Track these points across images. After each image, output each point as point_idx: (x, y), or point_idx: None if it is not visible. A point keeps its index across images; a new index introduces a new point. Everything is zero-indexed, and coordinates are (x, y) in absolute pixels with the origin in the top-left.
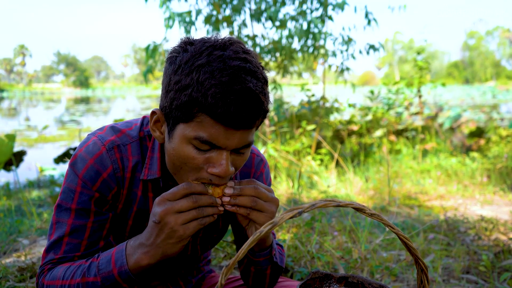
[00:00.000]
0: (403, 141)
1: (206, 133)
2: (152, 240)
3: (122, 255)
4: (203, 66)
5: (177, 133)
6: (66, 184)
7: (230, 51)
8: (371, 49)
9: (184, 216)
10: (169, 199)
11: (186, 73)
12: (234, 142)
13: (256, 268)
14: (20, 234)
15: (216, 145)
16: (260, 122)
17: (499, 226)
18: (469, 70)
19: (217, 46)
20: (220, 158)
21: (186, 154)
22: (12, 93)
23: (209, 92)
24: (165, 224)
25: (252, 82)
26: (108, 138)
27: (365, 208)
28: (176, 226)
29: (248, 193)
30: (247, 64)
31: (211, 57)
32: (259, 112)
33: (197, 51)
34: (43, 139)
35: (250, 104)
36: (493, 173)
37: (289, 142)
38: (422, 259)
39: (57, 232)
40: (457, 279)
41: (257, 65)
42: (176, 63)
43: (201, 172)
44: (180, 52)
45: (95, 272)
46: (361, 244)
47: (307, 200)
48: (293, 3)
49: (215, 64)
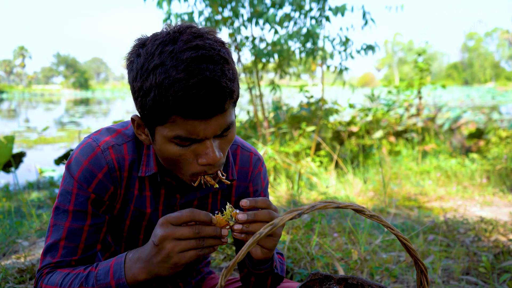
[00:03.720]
0: (402, 142)
1: (183, 131)
2: (149, 258)
3: (120, 268)
4: (157, 67)
5: (158, 135)
6: (63, 187)
7: (181, 42)
8: (369, 49)
9: (183, 244)
10: (172, 223)
11: (144, 78)
12: (213, 130)
13: (257, 278)
14: (19, 236)
15: (196, 139)
16: (234, 102)
17: (499, 227)
18: (469, 71)
19: (167, 41)
20: (205, 147)
21: (172, 152)
22: (12, 94)
23: (169, 93)
24: (163, 248)
25: (208, 69)
26: (103, 139)
27: (365, 209)
28: (172, 253)
29: (262, 219)
30: (199, 52)
31: (163, 56)
32: (224, 96)
33: (149, 52)
34: (43, 141)
35: (212, 92)
36: (493, 174)
37: (289, 143)
38: (421, 261)
39: (54, 235)
40: (457, 280)
41: (212, 46)
42: (133, 70)
43: (193, 166)
44: (134, 58)
45: (93, 283)
46: (360, 246)
47: (307, 201)
48: (291, 5)
49: (168, 62)
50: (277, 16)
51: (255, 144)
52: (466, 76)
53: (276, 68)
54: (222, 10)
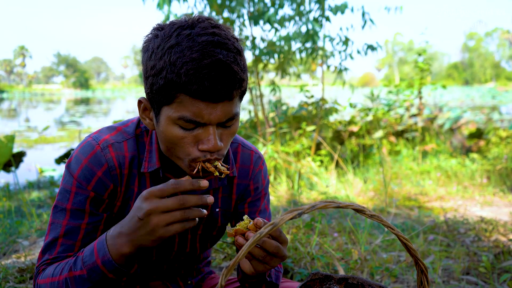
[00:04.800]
0: (403, 142)
1: (189, 112)
2: (132, 231)
3: (103, 245)
4: (173, 47)
5: (163, 116)
6: (62, 185)
7: (198, 28)
8: (369, 49)
9: (168, 217)
10: (156, 196)
11: (159, 57)
12: (218, 116)
13: (250, 285)
14: (19, 235)
15: (200, 122)
16: (241, 93)
17: (499, 227)
18: (469, 71)
19: (185, 26)
20: (207, 133)
21: (174, 135)
22: (12, 94)
23: (182, 71)
24: (148, 222)
25: (222, 54)
26: (102, 137)
27: (365, 209)
28: (157, 227)
29: (267, 249)
30: (215, 37)
31: (180, 37)
32: (234, 82)
33: (167, 34)
34: (43, 140)
35: (223, 75)
36: (493, 174)
37: (289, 143)
38: (422, 260)
39: (52, 233)
40: (457, 280)
41: (228, 37)
42: (149, 50)
43: (193, 150)
44: (152, 39)
45: (81, 266)
46: (361, 245)
47: (307, 201)
48: (291, 4)
49: (184, 43)
50: (278, 15)
51: (255, 144)
52: (466, 76)
53: (277, 68)
54: (222, 10)
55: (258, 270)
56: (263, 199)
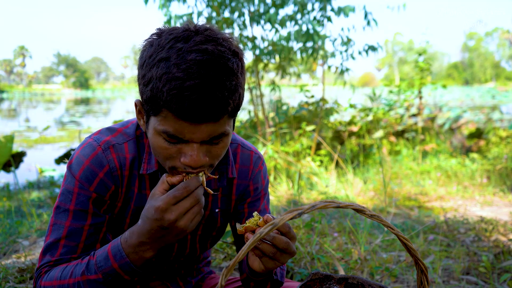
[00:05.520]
0: (403, 142)
1: (171, 128)
2: (156, 239)
3: (119, 250)
4: (162, 60)
5: (150, 124)
6: (64, 186)
7: (192, 42)
8: (370, 50)
9: (190, 215)
10: (173, 204)
11: (149, 68)
12: (201, 136)
13: (256, 284)
14: (19, 235)
15: (183, 139)
16: (232, 112)
17: (499, 227)
18: (469, 71)
19: (180, 38)
20: (190, 149)
21: (159, 145)
22: (12, 94)
23: (165, 89)
24: (175, 228)
25: (207, 76)
26: (103, 139)
27: (365, 209)
28: (185, 227)
29: (277, 245)
30: (205, 56)
31: (171, 51)
32: (216, 106)
33: (161, 44)
34: (43, 140)
35: (205, 100)
36: (493, 174)
37: (289, 143)
38: (422, 260)
39: (54, 234)
40: (457, 280)
41: (222, 54)
42: (143, 58)
43: (176, 161)
44: (147, 46)
45: (95, 270)
46: (361, 245)
47: (307, 201)
48: (294, 4)
49: (173, 58)
50: (279, 15)
51: (255, 144)
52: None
53: (278, 68)
54: (222, 10)
55: (268, 267)
56: (263, 199)
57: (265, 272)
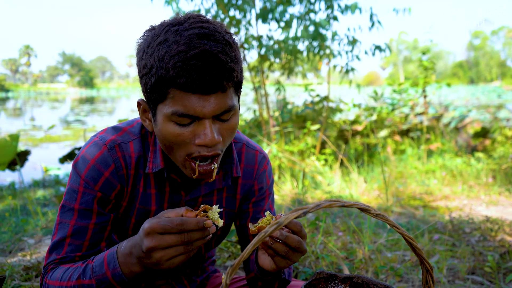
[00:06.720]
0: (408, 141)
1: (181, 107)
2: (139, 258)
3: (114, 258)
4: (161, 43)
5: (159, 114)
6: (69, 185)
7: (187, 24)
8: (377, 50)
9: (172, 252)
10: (158, 233)
11: (149, 55)
12: (211, 108)
13: (264, 283)
14: (25, 234)
15: (193, 115)
16: (236, 85)
17: (505, 227)
18: (474, 70)
19: (174, 23)
20: (203, 127)
21: (171, 132)
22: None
23: (169, 65)
24: (151, 257)
25: (208, 44)
26: (109, 138)
27: (370, 208)
28: (161, 261)
29: (290, 244)
30: (202, 30)
31: (168, 33)
32: (222, 71)
33: (157, 33)
34: (48, 139)
35: (211, 65)
36: (499, 173)
37: (293, 142)
38: (427, 260)
39: (59, 233)
40: (462, 280)
41: (217, 30)
42: (141, 50)
43: (190, 147)
44: (143, 39)
45: (90, 275)
46: (365, 245)
47: (312, 200)
48: (300, 3)
49: (171, 38)
50: (287, 12)
51: (260, 143)
52: (471, 74)
53: (283, 67)
54: (228, 8)
55: (280, 266)
56: (268, 199)
57: (276, 271)
